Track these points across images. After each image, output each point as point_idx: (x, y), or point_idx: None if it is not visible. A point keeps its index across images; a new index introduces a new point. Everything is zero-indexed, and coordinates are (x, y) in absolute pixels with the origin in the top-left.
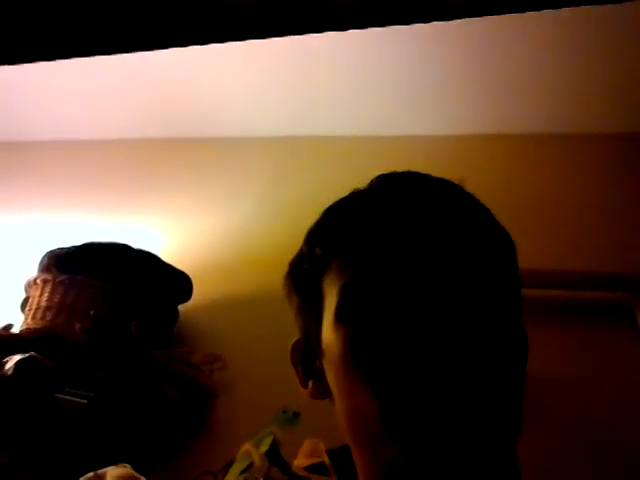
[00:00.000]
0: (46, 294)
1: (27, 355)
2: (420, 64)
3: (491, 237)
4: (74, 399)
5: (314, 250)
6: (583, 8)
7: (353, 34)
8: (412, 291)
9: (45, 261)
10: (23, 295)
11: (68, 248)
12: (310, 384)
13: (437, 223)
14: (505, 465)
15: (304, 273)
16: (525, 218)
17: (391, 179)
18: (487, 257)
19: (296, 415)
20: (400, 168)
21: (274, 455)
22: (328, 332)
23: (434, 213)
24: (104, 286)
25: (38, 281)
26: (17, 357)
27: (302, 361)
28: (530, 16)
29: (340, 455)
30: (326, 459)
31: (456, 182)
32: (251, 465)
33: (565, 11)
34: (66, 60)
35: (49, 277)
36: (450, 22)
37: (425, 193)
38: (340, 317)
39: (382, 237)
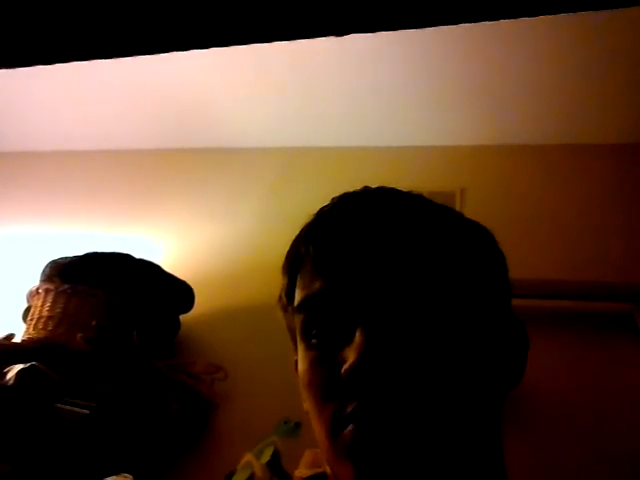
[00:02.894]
0: (48, 304)
1: (29, 365)
2: (419, 75)
3: (453, 244)
4: (76, 409)
5: (284, 279)
6: (584, 17)
7: (353, 46)
8: (364, 309)
9: (47, 271)
10: (25, 305)
11: (70, 258)
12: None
13: (388, 237)
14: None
15: (283, 303)
16: (527, 229)
17: (345, 200)
18: (446, 262)
19: (297, 425)
20: (399, 178)
21: (275, 465)
22: (298, 353)
23: (385, 230)
24: (106, 296)
25: (40, 291)
26: (19, 367)
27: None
28: (530, 27)
29: None
30: (327, 469)
31: (457, 193)
32: (252, 476)
33: (566, 21)
34: (65, 67)
35: (51, 287)
36: (450, 33)
37: (375, 211)
38: (301, 334)
39: (330, 261)
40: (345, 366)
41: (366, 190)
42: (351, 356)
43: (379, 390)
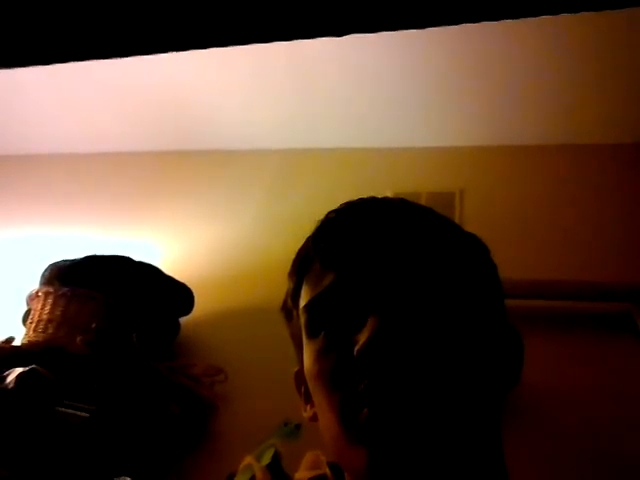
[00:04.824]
0: (48, 307)
1: (28, 368)
2: (418, 76)
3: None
4: (76, 412)
5: (290, 283)
6: (584, 17)
7: (351, 47)
8: (370, 301)
9: (47, 274)
10: (25, 308)
11: (70, 261)
12: (308, 408)
13: (393, 242)
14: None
15: (288, 308)
16: (525, 229)
17: (352, 205)
18: (442, 271)
19: (297, 427)
20: (399, 179)
21: (276, 468)
22: (305, 353)
23: (391, 234)
24: (106, 299)
25: (40, 294)
26: (18, 370)
27: (301, 388)
28: (529, 27)
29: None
30: (328, 471)
31: (456, 193)
32: (253, 478)
33: (566, 21)
34: (64, 69)
35: (51, 290)
36: (448, 32)
37: (381, 213)
38: (308, 333)
39: (341, 255)
40: (357, 345)
41: (371, 198)
42: (363, 337)
43: (391, 369)
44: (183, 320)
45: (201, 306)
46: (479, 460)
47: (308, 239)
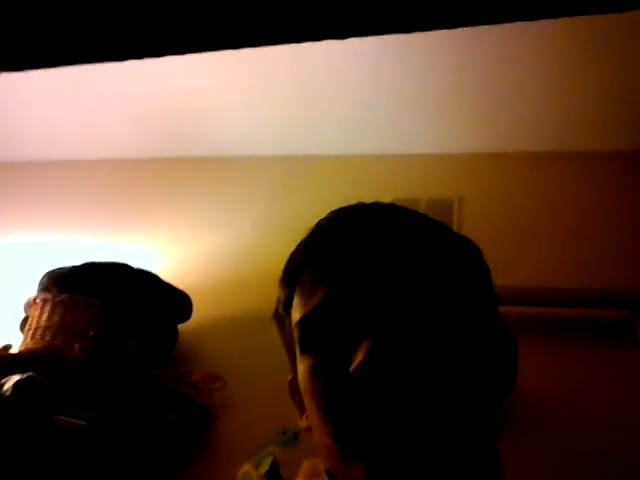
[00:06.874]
0: (45, 314)
1: (26, 375)
2: (417, 83)
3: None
4: (73, 420)
5: (281, 292)
6: (582, 23)
7: (351, 54)
8: (364, 319)
9: (45, 281)
10: (22, 315)
11: (68, 268)
12: (304, 418)
13: (387, 247)
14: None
15: (281, 316)
16: (524, 236)
17: (342, 214)
18: (436, 281)
19: (295, 435)
20: (398, 186)
21: (274, 476)
22: (298, 367)
23: (383, 245)
24: (104, 306)
25: (38, 301)
26: (16, 377)
27: (295, 397)
28: (527, 33)
29: None
30: (326, 479)
31: (455, 200)
32: None
33: (564, 27)
34: (63, 76)
35: (49, 297)
36: (447, 40)
37: (372, 223)
38: (301, 349)
39: (332, 269)
40: (353, 365)
41: (362, 204)
42: (359, 356)
43: (388, 388)
44: (181, 327)
45: (200, 313)
46: (476, 471)
47: (298, 247)
